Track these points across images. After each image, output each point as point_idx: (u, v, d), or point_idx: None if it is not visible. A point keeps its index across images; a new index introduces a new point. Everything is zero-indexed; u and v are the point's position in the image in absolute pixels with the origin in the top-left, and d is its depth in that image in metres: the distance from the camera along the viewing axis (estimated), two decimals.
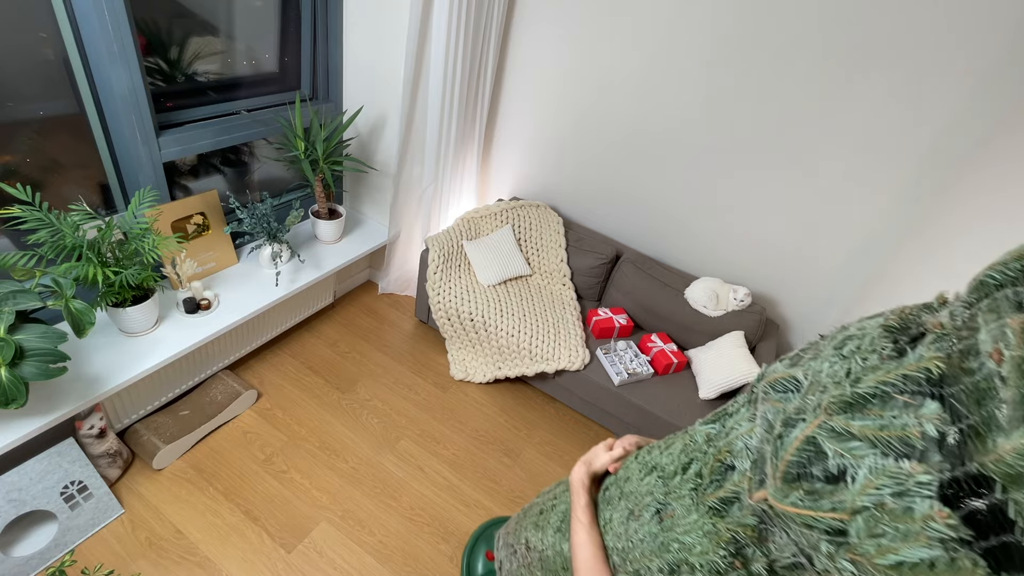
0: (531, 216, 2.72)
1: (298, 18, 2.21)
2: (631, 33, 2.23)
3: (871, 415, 0.50)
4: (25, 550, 1.56)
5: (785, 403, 0.61)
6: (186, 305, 1.89)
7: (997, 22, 1.65)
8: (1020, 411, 0.43)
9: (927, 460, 0.46)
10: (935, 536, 0.43)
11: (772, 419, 0.61)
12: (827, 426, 0.52)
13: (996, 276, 0.51)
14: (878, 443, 0.49)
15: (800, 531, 0.55)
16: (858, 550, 0.48)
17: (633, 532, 0.81)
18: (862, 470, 0.49)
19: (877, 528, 0.47)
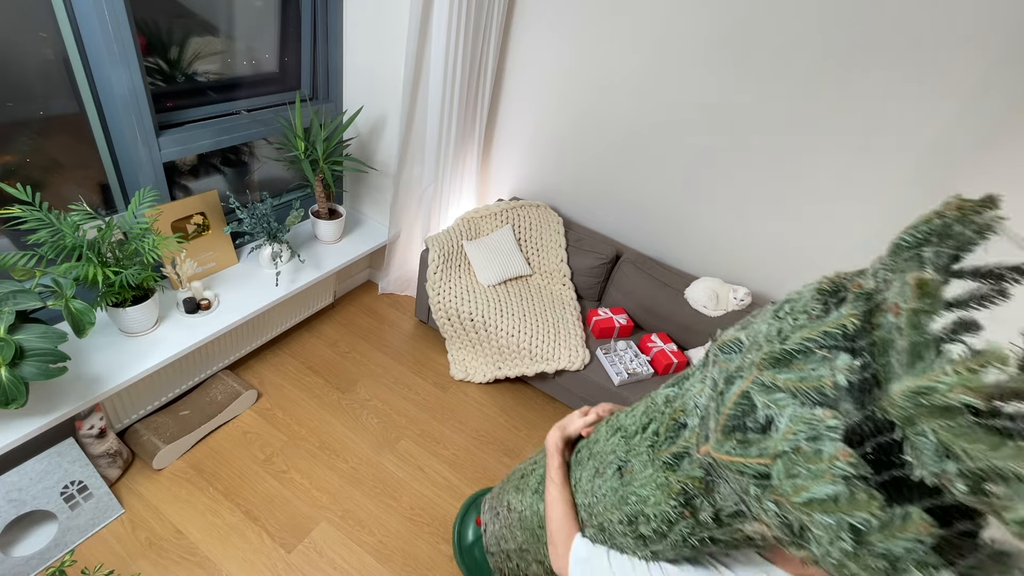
0: (531, 216, 2.72)
1: (298, 18, 2.21)
2: (631, 33, 2.23)
3: (795, 369, 0.55)
4: (25, 550, 1.56)
5: (728, 363, 0.65)
6: (186, 305, 1.89)
7: (997, 22, 1.65)
8: (911, 358, 0.48)
9: (838, 407, 0.52)
10: (839, 473, 0.48)
11: (717, 378, 0.66)
12: (758, 381, 0.58)
13: (908, 239, 0.56)
14: (798, 394, 0.54)
15: (735, 478, 0.60)
16: (779, 491, 0.53)
17: (598, 488, 0.87)
18: (783, 418, 0.54)
19: (794, 470, 0.52)
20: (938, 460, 0.46)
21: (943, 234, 0.55)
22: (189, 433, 1.94)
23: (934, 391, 0.46)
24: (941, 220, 0.55)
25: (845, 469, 0.48)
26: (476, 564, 1.60)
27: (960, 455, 0.45)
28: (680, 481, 0.70)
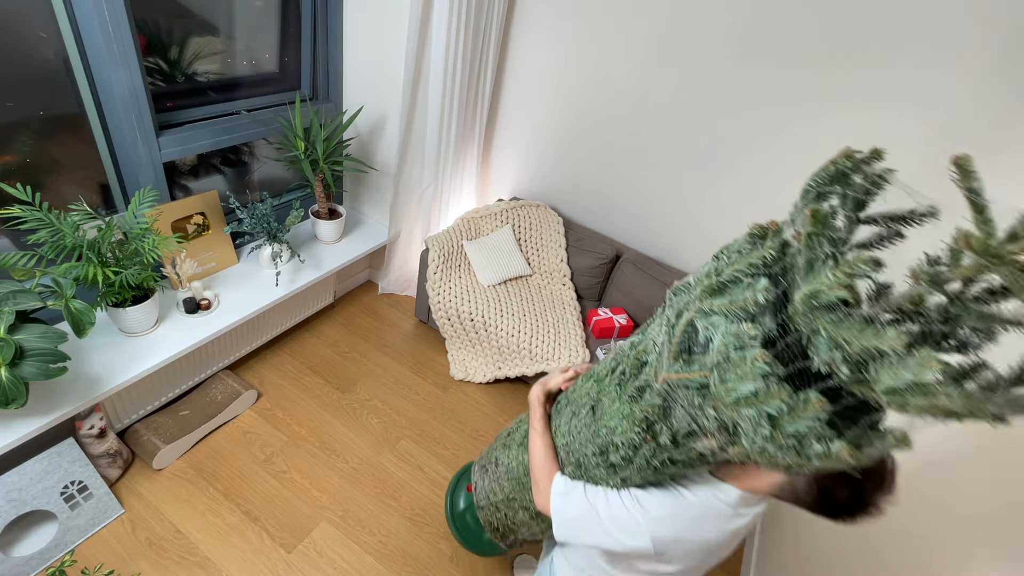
0: (531, 216, 2.72)
1: (298, 18, 2.21)
2: (631, 34, 2.23)
3: (727, 295, 0.67)
4: (25, 550, 1.56)
5: (679, 302, 0.77)
6: (186, 305, 1.89)
7: (996, 22, 1.65)
8: (807, 272, 0.61)
9: (760, 321, 0.65)
10: (759, 372, 0.59)
11: (670, 316, 0.78)
12: (700, 309, 0.70)
13: (812, 184, 0.69)
14: (729, 315, 0.66)
15: (684, 395, 0.72)
16: (716, 396, 0.65)
17: (574, 428, 0.99)
18: (718, 335, 0.66)
19: (725, 375, 0.63)
20: (829, 351, 0.58)
21: (839, 180, 0.67)
22: (189, 433, 1.94)
23: (820, 292, 0.58)
24: (835, 167, 0.67)
25: (763, 368, 0.59)
26: (468, 529, 1.66)
27: (841, 343, 0.56)
28: (642, 410, 0.81)
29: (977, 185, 0.58)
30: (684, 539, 0.84)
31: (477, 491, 1.43)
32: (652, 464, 0.82)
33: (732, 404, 0.62)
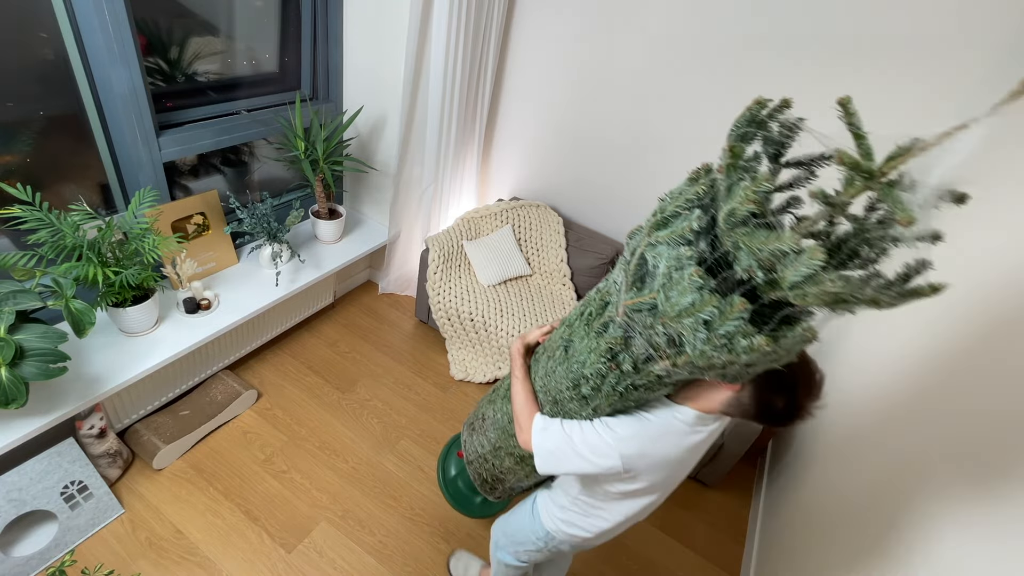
0: (531, 216, 2.72)
1: (298, 18, 2.21)
2: (632, 34, 2.23)
3: (669, 227, 0.81)
4: (25, 550, 1.56)
5: (633, 243, 0.89)
6: (186, 305, 1.89)
7: (996, 22, 1.65)
8: (727, 195, 0.73)
9: (695, 245, 0.77)
10: (695, 285, 0.72)
11: (626, 256, 0.90)
12: (648, 243, 0.83)
13: (733, 129, 0.80)
14: (671, 243, 0.79)
15: (639, 319, 0.84)
16: (663, 313, 0.77)
17: (550, 369, 1.10)
18: (662, 261, 0.79)
19: (669, 293, 0.76)
20: (747, 259, 0.70)
21: (753, 123, 0.78)
22: (189, 433, 1.94)
23: (735, 209, 0.70)
24: (749, 112, 0.78)
25: (697, 282, 0.72)
26: (460, 493, 1.74)
27: (753, 250, 0.68)
28: (607, 342, 0.93)
29: (856, 119, 0.69)
30: (648, 454, 0.97)
31: (466, 448, 1.52)
32: (617, 390, 0.95)
33: (675, 317, 0.75)
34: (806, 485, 1.83)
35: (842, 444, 1.73)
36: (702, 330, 0.72)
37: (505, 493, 1.48)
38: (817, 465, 1.83)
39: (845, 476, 1.60)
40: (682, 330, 0.75)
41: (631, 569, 1.92)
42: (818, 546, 1.54)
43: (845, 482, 1.58)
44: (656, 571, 1.93)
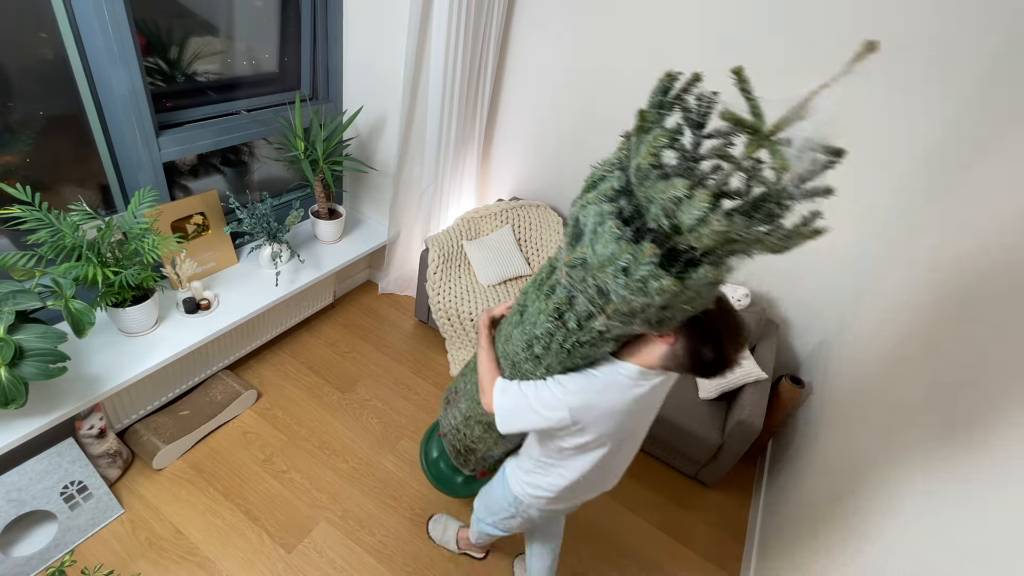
0: (531, 216, 2.72)
1: (298, 18, 2.21)
2: (632, 33, 2.23)
3: (596, 189, 0.92)
4: (25, 550, 1.56)
5: (574, 211, 0.98)
6: (186, 305, 1.89)
7: (996, 22, 1.65)
8: (634, 150, 0.84)
9: (616, 202, 0.87)
10: (613, 236, 0.82)
11: (568, 221, 1.00)
12: (580, 204, 0.93)
13: (650, 99, 0.90)
14: (596, 202, 0.89)
15: (576, 275, 0.94)
16: (592, 266, 0.87)
17: (508, 335, 1.20)
18: (590, 219, 0.88)
19: (595, 246, 0.85)
20: (655, 209, 0.79)
21: (664, 93, 0.90)
22: (189, 433, 1.94)
23: (640, 164, 0.81)
24: (660, 84, 0.90)
25: (615, 233, 0.82)
26: (442, 474, 1.80)
27: (655, 198, 0.78)
28: (554, 303, 1.04)
29: (748, 85, 0.80)
30: (593, 405, 1.06)
31: (442, 422, 1.60)
32: (565, 347, 1.05)
33: (600, 267, 0.85)
34: (806, 484, 1.82)
35: (843, 443, 1.73)
36: (621, 276, 0.82)
37: (478, 465, 1.56)
38: (817, 464, 1.83)
39: (845, 475, 1.60)
40: (606, 279, 0.86)
41: (631, 569, 1.92)
42: (818, 545, 1.54)
43: (845, 481, 1.58)
44: (656, 571, 1.93)
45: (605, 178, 0.92)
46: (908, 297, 1.77)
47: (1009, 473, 0.99)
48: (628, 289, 0.82)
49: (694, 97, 0.89)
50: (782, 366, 2.59)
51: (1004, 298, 1.26)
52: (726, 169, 0.80)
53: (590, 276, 0.89)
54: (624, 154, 0.91)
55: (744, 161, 0.78)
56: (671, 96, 0.90)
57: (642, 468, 2.30)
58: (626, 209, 0.87)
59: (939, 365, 1.40)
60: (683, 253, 0.83)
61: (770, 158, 0.75)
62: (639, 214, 0.85)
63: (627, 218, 0.86)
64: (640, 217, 0.85)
